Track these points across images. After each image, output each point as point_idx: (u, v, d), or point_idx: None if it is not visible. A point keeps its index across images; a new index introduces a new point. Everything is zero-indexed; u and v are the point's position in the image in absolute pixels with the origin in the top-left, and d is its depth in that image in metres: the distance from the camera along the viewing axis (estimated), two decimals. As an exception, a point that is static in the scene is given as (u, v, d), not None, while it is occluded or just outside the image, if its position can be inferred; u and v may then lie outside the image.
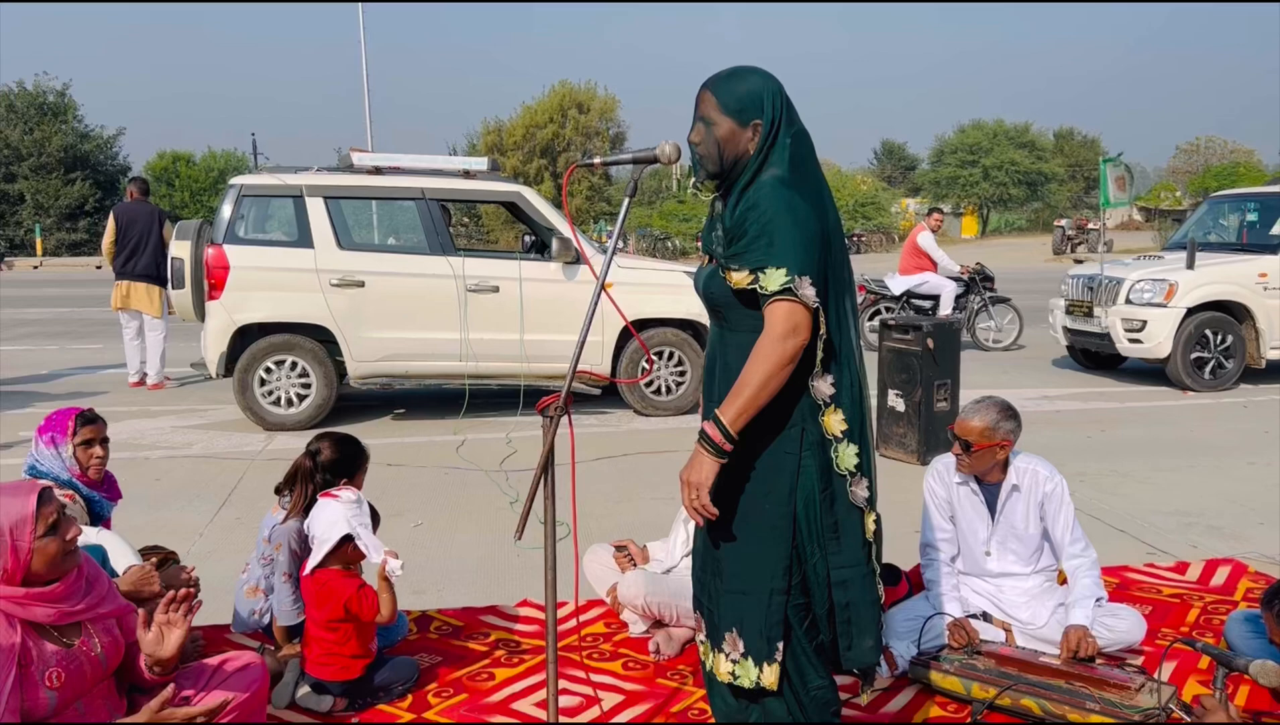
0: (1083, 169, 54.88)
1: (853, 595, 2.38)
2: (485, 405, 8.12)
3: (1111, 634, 3.33)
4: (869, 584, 2.40)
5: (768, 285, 2.18)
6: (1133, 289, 9.23)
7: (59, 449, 3.21)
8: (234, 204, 7.34)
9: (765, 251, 2.19)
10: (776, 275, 2.18)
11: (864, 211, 44.39)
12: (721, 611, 2.40)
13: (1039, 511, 3.43)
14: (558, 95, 43.99)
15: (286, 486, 3.44)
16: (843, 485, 2.33)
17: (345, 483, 3.37)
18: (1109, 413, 8.21)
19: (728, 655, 2.39)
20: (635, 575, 3.65)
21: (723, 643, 2.40)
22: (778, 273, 2.18)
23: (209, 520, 5.22)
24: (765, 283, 2.19)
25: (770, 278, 2.18)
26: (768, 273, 2.19)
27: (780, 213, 2.20)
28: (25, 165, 41.23)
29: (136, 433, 7.35)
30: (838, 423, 2.31)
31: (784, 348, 2.18)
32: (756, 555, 2.35)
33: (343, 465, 3.40)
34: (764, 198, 2.23)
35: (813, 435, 2.31)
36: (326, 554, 3.13)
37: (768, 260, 2.19)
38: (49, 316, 16.36)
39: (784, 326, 2.18)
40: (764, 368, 2.19)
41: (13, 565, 2.16)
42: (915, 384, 6.36)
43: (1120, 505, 5.43)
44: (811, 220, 2.24)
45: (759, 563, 2.34)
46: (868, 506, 2.37)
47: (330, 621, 3.11)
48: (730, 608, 2.38)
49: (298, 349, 7.41)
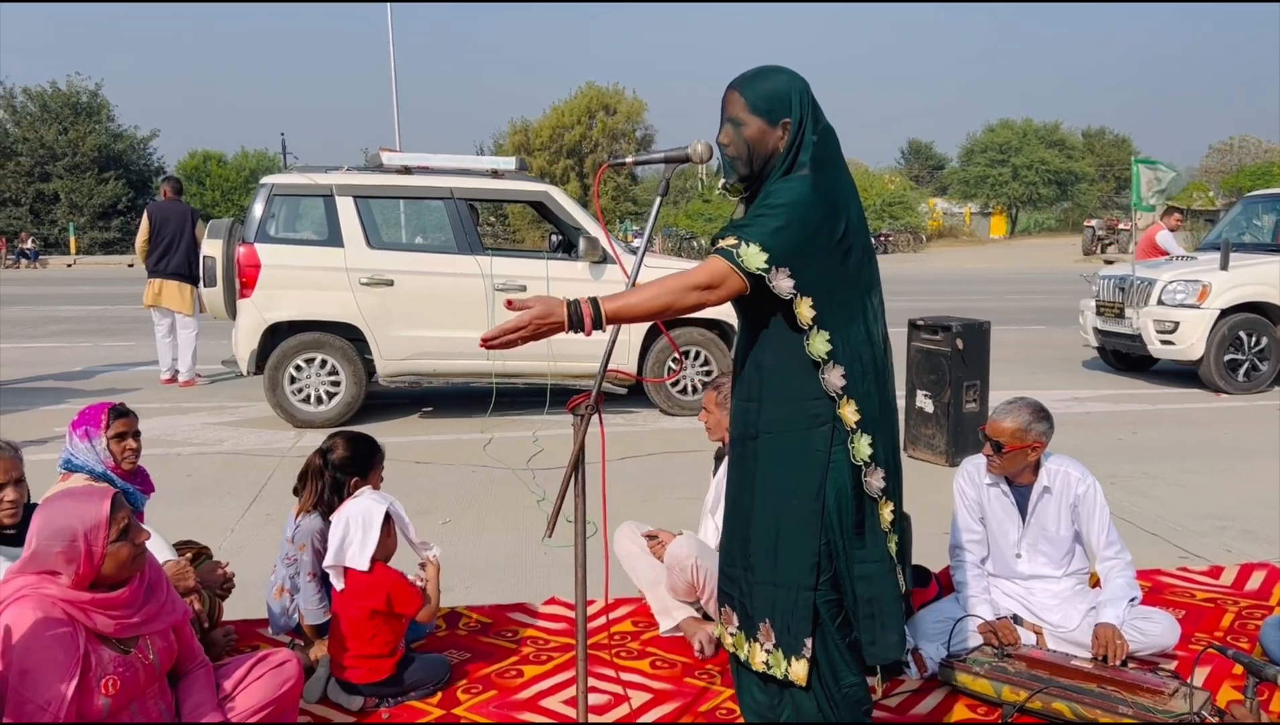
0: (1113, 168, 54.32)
1: (876, 590, 2.38)
2: (512, 404, 8.15)
3: (1144, 638, 3.29)
4: (893, 579, 2.41)
5: (744, 258, 2.19)
6: (1165, 290, 9.13)
7: (93, 442, 3.25)
8: (265, 203, 7.41)
9: (755, 230, 2.20)
10: (758, 256, 2.18)
11: (891, 211, 44.14)
12: (755, 602, 2.41)
13: (1071, 514, 3.41)
14: (585, 97, 44.16)
15: (300, 484, 3.48)
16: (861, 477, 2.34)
17: (357, 481, 3.38)
18: (1140, 415, 8.13)
19: (762, 644, 2.40)
20: (689, 537, 3.61)
21: (757, 632, 2.41)
22: (760, 255, 2.18)
23: (240, 516, 5.27)
24: (743, 256, 2.19)
25: (750, 254, 2.19)
26: (750, 247, 2.19)
27: (787, 204, 2.21)
28: (60, 165, 41.84)
29: (168, 429, 7.44)
30: (851, 413, 2.31)
31: (690, 294, 2.22)
32: (786, 550, 2.35)
33: (354, 464, 3.41)
34: (782, 189, 2.25)
35: (843, 431, 2.32)
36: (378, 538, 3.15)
37: (753, 237, 2.20)
38: (82, 314, 16.58)
39: (706, 278, 2.22)
40: (660, 293, 2.23)
41: (85, 569, 2.21)
42: (944, 385, 6.32)
43: (1152, 508, 5.37)
44: (816, 217, 2.23)
45: (789, 558, 2.35)
46: (883, 497, 2.36)
47: (371, 612, 3.12)
48: (763, 598, 2.39)
49: (327, 347, 7.47)
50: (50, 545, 2.21)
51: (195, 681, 2.54)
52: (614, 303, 2.23)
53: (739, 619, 2.48)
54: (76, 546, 2.20)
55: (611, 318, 2.23)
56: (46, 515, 2.26)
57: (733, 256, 2.20)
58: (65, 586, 2.21)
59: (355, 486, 3.37)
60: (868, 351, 2.34)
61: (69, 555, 2.20)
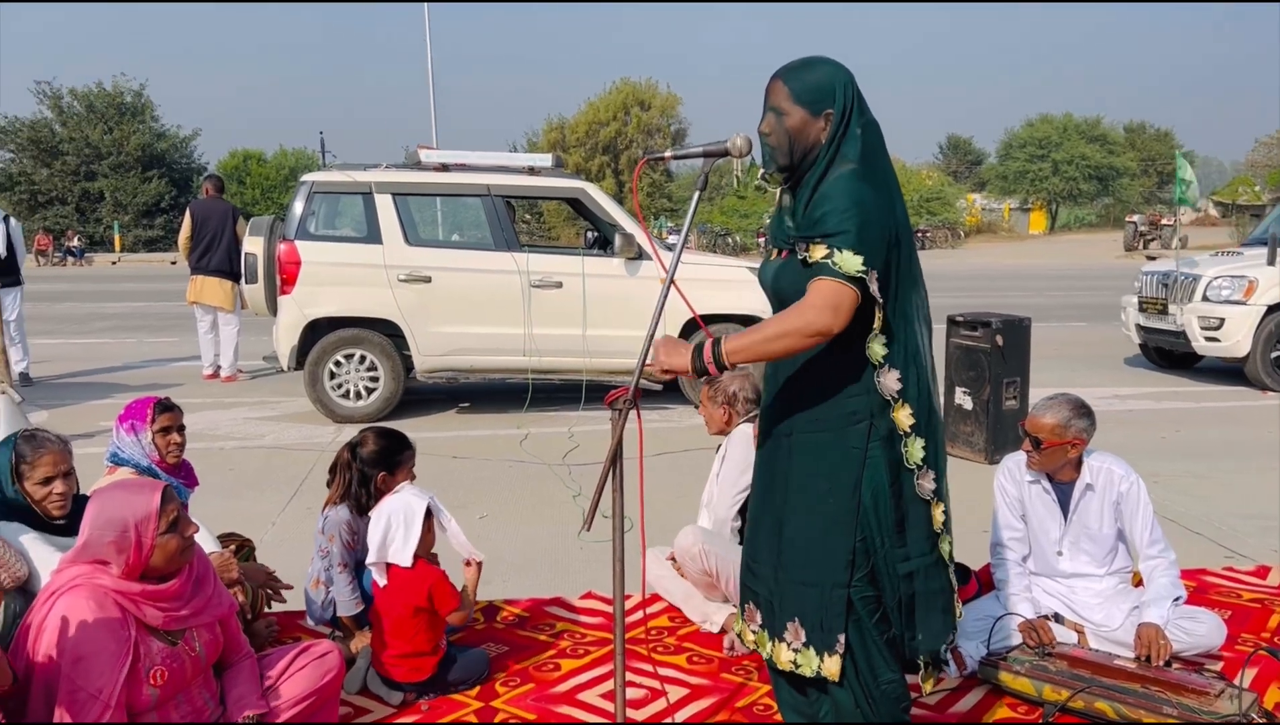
0: (1155, 163, 53.50)
1: (918, 586, 2.38)
2: (548, 400, 8.18)
3: (1190, 638, 3.25)
4: (934, 572, 2.40)
5: (842, 265, 2.17)
6: (1210, 286, 8.97)
7: (138, 436, 3.31)
8: (305, 201, 7.50)
9: (845, 236, 2.18)
10: (854, 260, 2.16)
11: (929, 207, 43.76)
12: (783, 602, 2.40)
13: (1114, 512, 3.36)
14: (620, 93, 44.18)
15: (330, 477, 3.53)
16: (910, 479, 2.33)
17: (384, 477, 3.40)
18: (1184, 413, 8.00)
19: (789, 644, 2.40)
20: (691, 528, 3.68)
21: (784, 632, 2.40)
22: (855, 258, 2.16)
23: (280, 509, 5.34)
24: (840, 262, 2.17)
25: (846, 260, 2.17)
26: (844, 254, 2.17)
27: (856, 205, 2.19)
28: (105, 164, 42.55)
29: (210, 424, 7.54)
30: (906, 417, 2.30)
31: (815, 319, 2.18)
32: (819, 548, 2.34)
33: (381, 459, 3.43)
34: (839, 190, 2.22)
35: (881, 429, 2.30)
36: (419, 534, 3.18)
37: (846, 244, 2.17)
38: (127, 311, 16.86)
39: (827, 300, 2.18)
40: (786, 328, 2.21)
41: (135, 559, 2.25)
42: (983, 382, 6.26)
43: (1197, 507, 5.29)
44: (883, 216, 2.23)
45: (821, 556, 2.34)
46: (935, 498, 2.35)
47: (415, 609, 3.15)
48: (793, 598, 2.38)
49: (366, 343, 7.54)
50: (102, 535, 2.26)
51: (240, 672, 2.58)
52: (736, 345, 2.25)
53: (763, 616, 2.47)
54: (127, 536, 2.24)
55: (733, 357, 2.24)
56: (99, 505, 2.31)
57: (831, 269, 2.18)
58: (116, 577, 2.26)
59: (382, 482, 3.40)
60: (921, 354, 2.33)
61: (120, 545, 2.25)
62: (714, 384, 3.75)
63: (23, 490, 2.87)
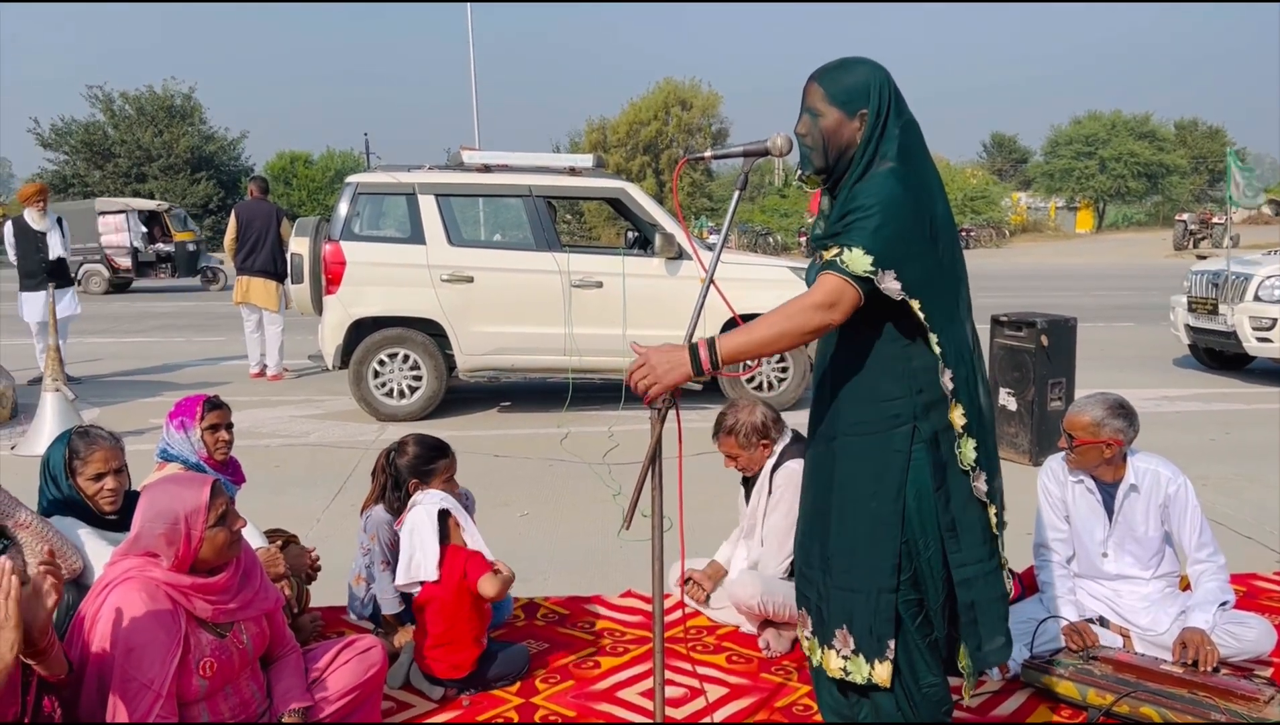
0: (1206, 161, 52.43)
1: (977, 593, 2.35)
2: (588, 399, 8.22)
3: (1238, 643, 3.19)
4: (993, 580, 2.37)
5: (849, 263, 2.16)
6: (1262, 285, 8.79)
7: (188, 433, 3.38)
8: (350, 202, 7.59)
9: (857, 234, 2.17)
10: (863, 259, 2.15)
11: (974, 206, 43.26)
12: (831, 608, 2.39)
13: (1160, 514, 3.31)
14: (661, 92, 44.14)
15: (372, 478, 3.59)
16: (963, 482, 2.31)
17: (416, 483, 3.42)
18: (1235, 414, 7.85)
19: (838, 651, 2.38)
20: (748, 577, 3.55)
21: (833, 639, 2.39)
22: (864, 258, 2.15)
23: (325, 506, 5.42)
24: (847, 261, 2.16)
25: (854, 259, 2.16)
26: (853, 252, 2.16)
27: (880, 202, 2.18)
28: (155, 166, 43.33)
29: (257, 422, 7.67)
30: (959, 417, 2.29)
31: (812, 317, 2.18)
32: (865, 553, 2.33)
33: (415, 468, 3.45)
34: (869, 190, 2.21)
35: (925, 432, 2.29)
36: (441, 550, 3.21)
37: (856, 241, 2.17)
38: (175, 310, 17.18)
39: (824, 297, 2.17)
40: (783, 325, 2.20)
41: (184, 552, 2.31)
42: (1028, 382, 6.19)
43: (1247, 511, 5.19)
44: (910, 213, 2.20)
45: (867, 560, 2.33)
46: (989, 500, 2.33)
47: (457, 593, 3.18)
48: (839, 604, 2.37)
49: (410, 342, 7.63)
50: (153, 527, 2.31)
51: (286, 666, 2.63)
52: (731, 344, 2.22)
53: (814, 623, 2.47)
54: (177, 529, 2.29)
55: (729, 357, 2.22)
56: (150, 498, 2.36)
57: (838, 266, 2.17)
58: (166, 569, 2.31)
59: (414, 488, 3.43)
60: (970, 352, 2.32)
61: (170, 537, 2.30)
62: (732, 431, 3.61)
63: (76, 486, 2.95)
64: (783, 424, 3.63)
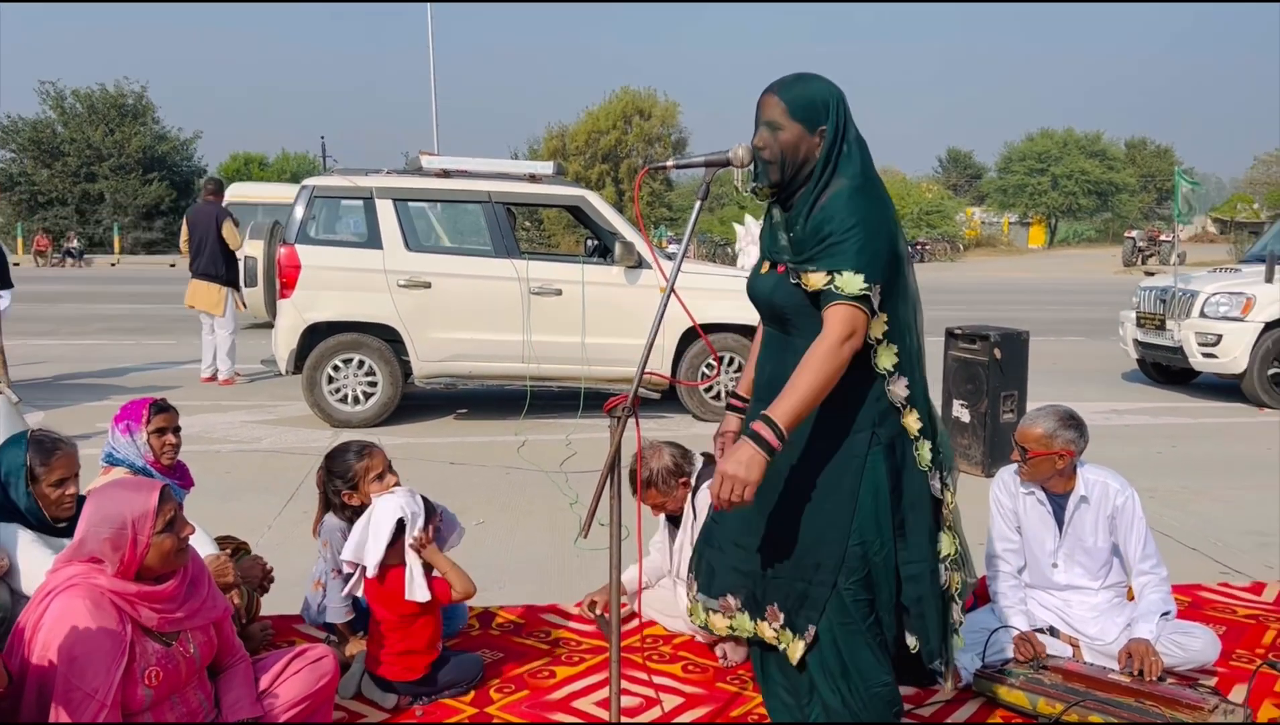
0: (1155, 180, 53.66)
1: (923, 589, 2.41)
2: (546, 407, 8.19)
3: (1184, 653, 3.25)
4: (936, 578, 2.43)
5: (845, 287, 2.20)
6: (1208, 302, 9.00)
7: (134, 437, 3.31)
8: (306, 205, 7.51)
9: (844, 256, 2.20)
10: (855, 280, 2.19)
11: (929, 220, 43.85)
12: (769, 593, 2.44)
13: (1109, 525, 3.37)
14: (619, 101, 44.25)
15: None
16: (916, 483, 2.37)
17: (347, 492, 3.39)
18: (1181, 428, 8.01)
19: (769, 624, 2.45)
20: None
21: (763, 613, 2.46)
22: (856, 278, 2.19)
23: (277, 513, 5.34)
24: (842, 285, 2.20)
25: (848, 281, 2.20)
26: (845, 276, 2.20)
27: (859, 221, 2.22)
28: (105, 165, 42.60)
29: (208, 427, 7.54)
30: (914, 423, 2.35)
31: (841, 352, 2.21)
32: (812, 555, 2.36)
33: (336, 477, 3.43)
34: (841, 207, 2.24)
35: (882, 437, 2.33)
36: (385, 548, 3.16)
37: (846, 264, 2.20)
38: (126, 312, 16.86)
39: (843, 330, 2.20)
40: (821, 370, 2.20)
41: (130, 558, 2.25)
42: (981, 394, 6.27)
43: (1193, 523, 5.29)
44: (885, 230, 2.26)
45: (814, 561, 2.36)
46: (942, 498, 2.41)
47: (405, 616, 3.16)
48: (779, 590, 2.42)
49: (365, 348, 7.55)
50: (98, 532, 2.26)
51: (235, 675, 2.59)
52: (784, 413, 2.20)
53: (743, 601, 2.50)
54: (124, 534, 2.25)
55: (790, 425, 2.21)
56: (96, 503, 2.31)
57: (835, 293, 2.20)
58: (111, 576, 2.26)
59: (348, 497, 3.40)
60: (920, 361, 2.38)
61: (115, 543, 2.25)
62: (650, 483, 3.49)
63: (37, 492, 2.86)
64: (691, 453, 3.63)
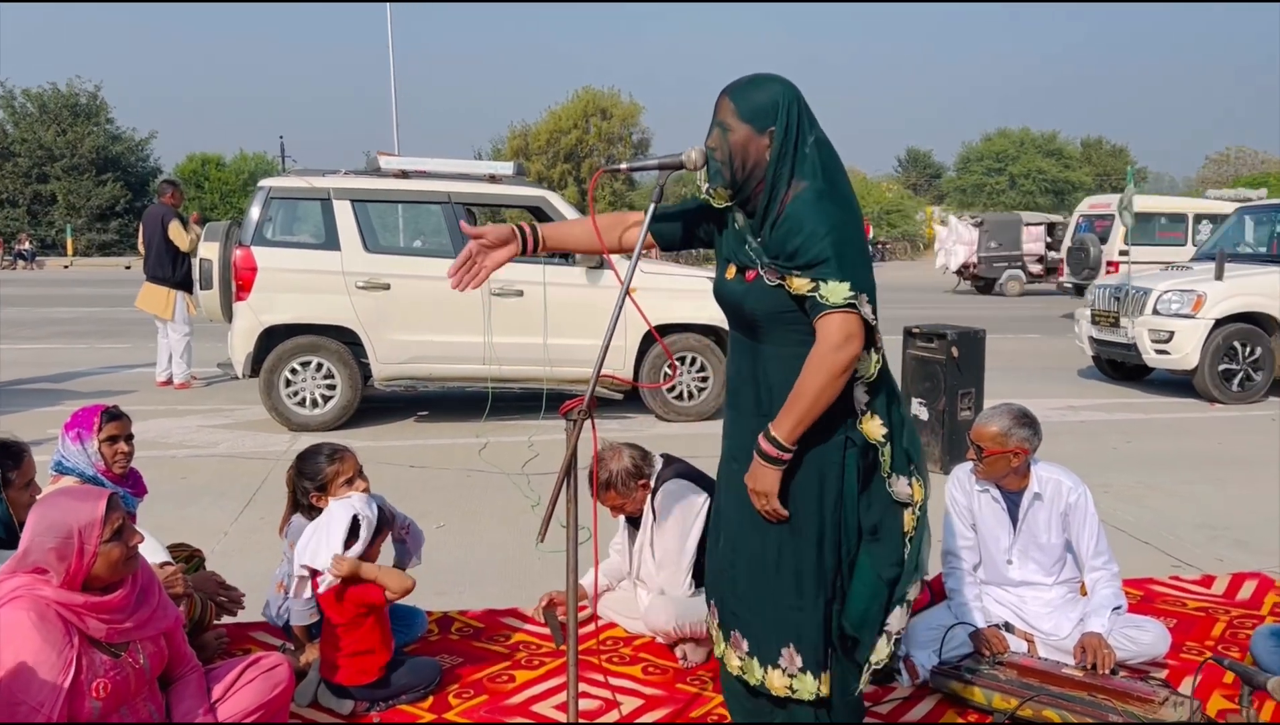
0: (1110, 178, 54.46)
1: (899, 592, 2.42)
2: (508, 408, 8.16)
3: (1135, 646, 3.30)
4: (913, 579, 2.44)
5: (829, 296, 2.18)
6: (1160, 299, 9.16)
7: (84, 445, 3.25)
8: (262, 206, 7.42)
9: (824, 266, 2.19)
10: (840, 288, 2.18)
11: (889, 219, 44.24)
12: (771, 625, 2.40)
13: (1062, 522, 3.41)
14: (581, 101, 44.16)
15: None
16: (882, 486, 2.37)
17: (316, 495, 3.36)
18: (1135, 424, 8.15)
19: (784, 670, 2.39)
20: (662, 604, 3.49)
21: (778, 658, 2.39)
22: (841, 286, 2.18)
23: (234, 519, 5.27)
24: (827, 294, 2.18)
25: (833, 290, 2.18)
26: (830, 285, 2.18)
27: (832, 229, 2.20)
28: (58, 166, 41.83)
29: (163, 432, 7.43)
30: (877, 428, 2.34)
31: (839, 357, 2.20)
32: (809, 568, 2.35)
33: (305, 478, 3.40)
34: (812, 213, 2.22)
35: (856, 441, 2.34)
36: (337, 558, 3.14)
37: (829, 273, 2.18)
38: (79, 316, 16.57)
39: (839, 336, 2.19)
40: (820, 378, 2.20)
41: (76, 567, 2.21)
42: (939, 392, 6.33)
43: (1146, 517, 5.38)
44: (856, 233, 2.25)
45: (812, 575, 2.35)
46: (910, 504, 2.40)
47: (353, 617, 3.13)
48: (787, 622, 2.38)
49: (323, 350, 7.47)
50: (44, 541, 2.21)
51: (187, 686, 2.55)
52: (787, 425, 2.24)
53: (749, 644, 2.45)
54: (70, 543, 2.20)
55: (792, 437, 2.24)
56: (41, 511, 2.27)
57: (820, 302, 2.19)
58: (57, 587, 2.22)
59: (316, 499, 3.37)
60: (886, 364, 2.37)
61: (61, 552, 2.21)
62: (610, 484, 3.51)
63: (9, 497, 2.81)
64: (651, 455, 3.62)
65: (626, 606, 3.76)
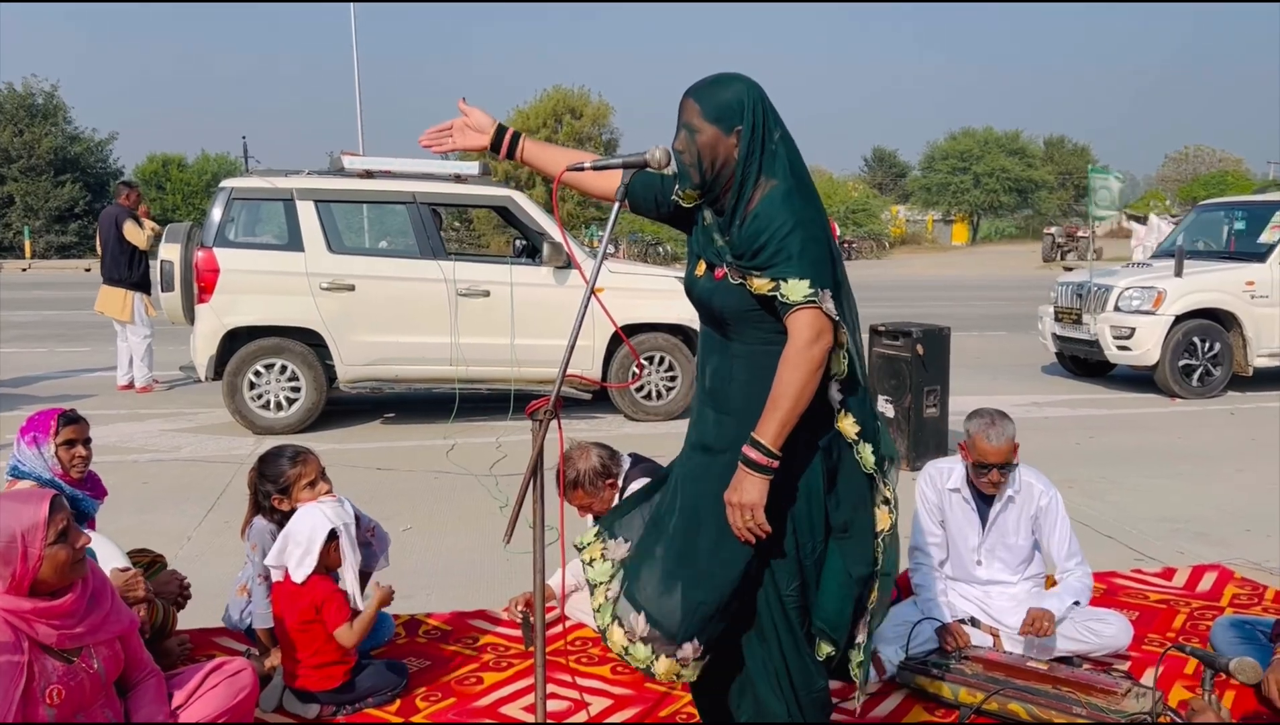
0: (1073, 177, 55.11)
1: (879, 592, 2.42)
2: (475, 410, 8.11)
3: (1098, 638, 3.34)
4: (885, 583, 2.44)
5: (790, 295, 2.17)
6: (1121, 296, 9.28)
7: (41, 449, 3.20)
8: (224, 207, 7.33)
9: (786, 263, 2.18)
10: (800, 286, 2.17)
11: (855, 218, 44.43)
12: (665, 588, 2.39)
13: (1031, 524, 3.45)
14: (550, 100, 44.04)
15: None
16: (860, 484, 2.37)
17: (278, 497, 3.33)
18: (1097, 419, 8.25)
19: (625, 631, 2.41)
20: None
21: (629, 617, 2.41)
22: (800, 284, 2.17)
23: (197, 524, 5.20)
24: (787, 292, 2.18)
25: (793, 288, 2.17)
26: (790, 283, 2.17)
27: (797, 226, 2.20)
28: (14, 167, 41.05)
29: (124, 436, 7.32)
30: (851, 426, 2.33)
31: (811, 354, 2.18)
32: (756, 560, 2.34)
33: (267, 482, 3.37)
34: (777, 211, 2.22)
35: (821, 442, 2.33)
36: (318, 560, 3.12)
37: (789, 271, 2.18)
38: (37, 319, 16.29)
39: (809, 332, 2.18)
40: (797, 377, 2.18)
41: (21, 571, 2.17)
42: (905, 390, 6.38)
43: (1109, 512, 5.45)
44: (822, 231, 2.24)
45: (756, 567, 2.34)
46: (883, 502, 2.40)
47: (302, 623, 3.10)
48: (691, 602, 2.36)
49: (287, 352, 7.39)
50: None
51: (146, 691, 2.51)
52: (770, 429, 2.19)
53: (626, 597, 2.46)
54: (14, 547, 2.16)
55: (778, 441, 2.19)
56: None
57: (784, 302, 2.18)
58: (3, 593, 2.17)
59: (278, 502, 3.33)
60: (862, 361, 2.36)
61: (5, 557, 2.16)
62: (577, 484, 3.52)
63: None
64: (619, 454, 3.62)
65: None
